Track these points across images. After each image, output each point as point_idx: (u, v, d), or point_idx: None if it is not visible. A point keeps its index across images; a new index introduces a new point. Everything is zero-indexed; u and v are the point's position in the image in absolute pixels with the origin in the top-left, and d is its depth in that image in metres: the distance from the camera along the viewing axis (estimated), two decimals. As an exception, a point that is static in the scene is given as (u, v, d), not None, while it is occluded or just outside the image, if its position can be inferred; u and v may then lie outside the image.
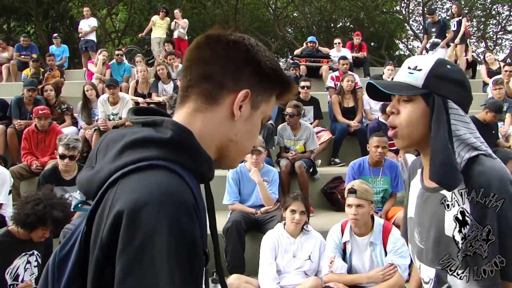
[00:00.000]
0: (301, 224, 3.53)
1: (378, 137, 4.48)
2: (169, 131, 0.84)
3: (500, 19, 22.28)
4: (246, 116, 0.93)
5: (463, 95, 1.24)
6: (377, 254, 3.30)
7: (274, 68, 0.94)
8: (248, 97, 0.91)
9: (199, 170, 0.86)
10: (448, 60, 1.31)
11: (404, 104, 1.25)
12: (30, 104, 6.31)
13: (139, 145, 0.83)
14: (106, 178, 0.82)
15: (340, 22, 23.66)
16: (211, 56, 0.91)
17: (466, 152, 1.20)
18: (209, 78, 0.90)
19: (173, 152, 0.83)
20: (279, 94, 0.99)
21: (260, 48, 0.93)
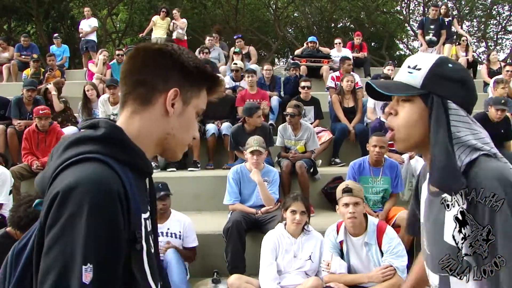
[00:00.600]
0: (302, 224, 3.53)
1: (378, 136, 4.48)
2: (102, 129, 0.99)
3: (500, 19, 22.28)
4: (179, 112, 1.07)
5: (465, 95, 1.19)
6: (373, 254, 3.31)
7: (197, 66, 1.07)
8: (178, 95, 1.05)
9: (132, 161, 1.00)
10: (451, 59, 1.24)
11: (403, 105, 1.21)
12: (30, 104, 6.32)
13: (78, 142, 0.97)
14: (52, 174, 0.94)
15: (340, 22, 23.66)
16: (142, 64, 1.05)
17: (467, 155, 1.15)
18: (142, 84, 1.04)
19: (106, 147, 0.96)
20: (209, 89, 1.15)
21: (183, 52, 1.07)
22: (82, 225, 0.84)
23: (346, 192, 3.29)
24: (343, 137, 6.26)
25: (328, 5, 21.38)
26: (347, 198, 3.27)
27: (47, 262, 0.85)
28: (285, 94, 7.55)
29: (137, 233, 0.95)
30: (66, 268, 0.84)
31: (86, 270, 0.84)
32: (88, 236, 0.84)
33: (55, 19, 19.11)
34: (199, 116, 1.15)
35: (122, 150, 0.99)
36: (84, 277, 0.83)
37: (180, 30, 10.60)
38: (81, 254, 0.84)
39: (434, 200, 1.24)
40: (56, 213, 0.86)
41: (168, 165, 5.89)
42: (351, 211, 3.24)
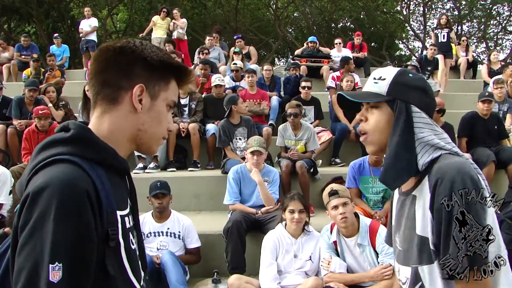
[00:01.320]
0: (302, 223, 3.53)
1: None
2: (71, 130, 1.02)
3: (500, 19, 22.28)
4: (148, 107, 1.08)
5: (425, 101, 1.31)
6: (367, 255, 3.32)
7: (161, 60, 1.08)
8: (143, 90, 1.06)
9: (101, 158, 1.02)
10: (410, 70, 1.40)
11: (372, 111, 1.34)
12: (31, 104, 6.32)
13: (49, 146, 1.01)
14: (27, 177, 0.98)
15: (340, 22, 23.65)
16: (105, 65, 1.07)
17: (430, 154, 1.26)
18: (107, 83, 1.06)
19: (75, 147, 0.99)
20: (179, 80, 1.15)
21: (145, 46, 1.08)
22: (50, 224, 0.86)
23: (333, 195, 3.34)
24: (343, 137, 6.26)
25: (328, 5, 21.38)
26: (335, 201, 3.30)
27: (19, 262, 0.87)
28: (285, 94, 7.55)
29: (110, 231, 0.97)
30: (35, 268, 0.85)
31: (54, 269, 0.85)
32: (55, 234, 0.86)
33: (55, 19, 19.11)
34: (171, 108, 1.15)
35: (91, 150, 1.01)
36: (51, 275, 0.85)
37: (180, 30, 10.60)
38: (49, 253, 0.85)
39: (405, 199, 1.35)
40: (26, 214, 0.89)
41: (168, 165, 5.89)
42: (341, 211, 3.26)
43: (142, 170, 5.67)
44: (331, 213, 3.33)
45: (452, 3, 21.75)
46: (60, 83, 8.26)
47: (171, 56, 1.12)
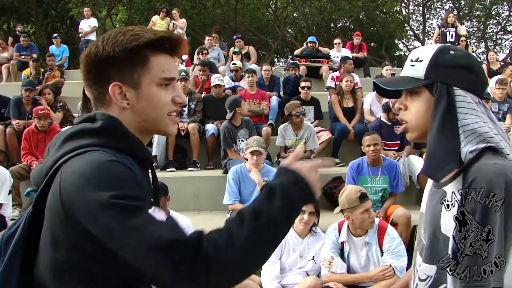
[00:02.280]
0: (310, 225, 3.51)
1: (368, 135, 4.50)
2: (100, 121, 1.00)
3: (500, 19, 22.30)
4: (135, 98, 1.04)
5: (471, 80, 1.17)
6: (373, 254, 3.31)
7: (125, 48, 1.00)
8: (121, 85, 1.03)
9: (131, 150, 1.01)
10: (453, 46, 1.23)
11: (411, 98, 1.22)
12: (29, 104, 6.31)
13: (76, 136, 0.99)
14: (51, 166, 0.97)
15: (340, 22, 23.65)
16: (84, 75, 1.07)
17: (475, 144, 1.13)
18: (93, 90, 1.06)
19: (105, 138, 0.98)
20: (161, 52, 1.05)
21: (107, 41, 1.02)
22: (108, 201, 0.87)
23: (363, 198, 3.23)
24: (343, 137, 6.26)
25: (328, 5, 21.38)
26: (367, 204, 3.22)
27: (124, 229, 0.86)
28: (284, 94, 7.55)
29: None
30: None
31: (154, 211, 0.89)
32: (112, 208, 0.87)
33: (54, 19, 19.09)
34: (169, 81, 1.07)
35: (121, 140, 1.00)
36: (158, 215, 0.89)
37: (179, 30, 10.60)
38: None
39: (436, 192, 1.24)
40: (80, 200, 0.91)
41: (167, 165, 5.89)
42: (371, 215, 3.25)
43: (141, 170, 5.66)
44: (361, 216, 3.22)
45: (452, 3, 21.75)
46: (59, 83, 8.26)
47: (137, 34, 1.03)
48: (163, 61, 1.06)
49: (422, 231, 1.30)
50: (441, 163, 1.14)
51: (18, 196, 5.03)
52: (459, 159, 1.14)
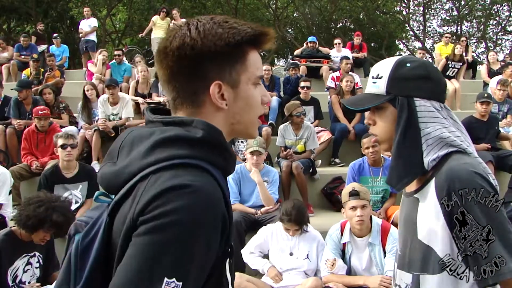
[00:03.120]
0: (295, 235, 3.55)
1: (367, 138, 4.50)
2: (199, 130, 0.87)
3: (500, 19, 22.30)
4: (233, 98, 0.94)
5: (430, 88, 1.23)
6: (375, 254, 3.30)
7: (227, 42, 0.89)
8: (221, 85, 0.92)
9: (227, 167, 0.91)
10: (409, 58, 1.29)
11: (378, 113, 1.28)
12: (29, 104, 6.30)
13: (171, 143, 0.85)
14: (135, 172, 0.85)
15: (340, 23, 23.66)
16: (171, 72, 0.92)
17: (436, 152, 1.20)
18: (182, 91, 0.93)
19: (204, 150, 0.86)
20: (255, 47, 0.95)
21: (204, 33, 0.89)
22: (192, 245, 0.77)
23: (353, 195, 3.25)
24: (343, 137, 6.26)
25: (328, 5, 21.39)
26: (354, 202, 3.23)
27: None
28: (285, 95, 7.55)
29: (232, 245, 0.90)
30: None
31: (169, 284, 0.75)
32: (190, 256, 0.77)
33: (54, 19, 19.09)
34: (259, 80, 0.98)
35: (220, 155, 0.89)
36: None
37: (179, 30, 10.59)
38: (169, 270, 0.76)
39: (406, 200, 1.30)
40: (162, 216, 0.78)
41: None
42: (359, 214, 3.20)
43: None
44: (348, 213, 3.27)
45: (452, 4, 21.76)
46: (59, 83, 8.25)
47: (235, 27, 0.92)
48: (257, 58, 0.97)
49: (400, 240, 1.35)
50: (399, 175, 1.24)
51: (19, 196, 5.02)
52: (421, 169, 1.21)
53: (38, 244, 3.04)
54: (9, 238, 3.01)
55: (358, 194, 3.25)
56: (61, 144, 4.31)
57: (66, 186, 4.36)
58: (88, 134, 6.02)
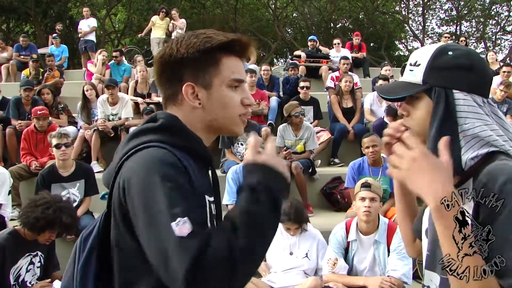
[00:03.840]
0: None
1: (367, 137, 4.51)
2: (160, 120, 1.07)
3: (499, 19, 22.32)
4: (206, 98, 1.08)
5: (472, 80, 1.10)
6: (380, 253, 3.29)
7: (198, 49, 1.05)
8: (194, 86, 1.07)
9: (190, 146, 1.06)
10: (452, 45, 1.15)
11: (412, 104, 1.18)
12: (28, 104, 6.30)
13: (139, 134, 1.06)
14: (116, 164, 1.04)
15: (339, 23, 23.66)
16: (158, 76, 1.13)
17: (475, 150, 1.09)
18: (166, 90, 1.12)
19: (164, 135, 1.04)
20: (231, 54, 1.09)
21: (181, 43, 1.06)
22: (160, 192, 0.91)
23: (365, 186, 3.28)
24: (342, 137, 6.27)
25: (327, 5, 21.39)
26: (365, 193, 3.25)
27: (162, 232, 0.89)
28: (284, 95, 7.54)
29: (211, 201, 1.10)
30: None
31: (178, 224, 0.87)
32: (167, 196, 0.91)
33: (53, 19, 19.08)
34: (239, 83, 1.11)
35: (180, 137, 1.06)
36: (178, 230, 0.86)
37: (179, 30, 10.60)
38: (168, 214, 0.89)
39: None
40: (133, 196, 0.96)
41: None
42: (367, 205, 3.21)
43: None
44: (357, 203, 3.29)
45: (451, 3, 21.77)
46: (59, 83, 8.24)
47: (209, 36, 1.08)
48: (233, 63, 1.10)
49: (424, 236, 1.29)
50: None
51: (18, 196, 5.02)
52: (458, 166, 1.08)
53: (41, 244, 3.04)
54: (13, 237, 3.01)
55: (369, 186, 3.27)
56: (55, 144, 4.31)
57: (63, 185, 4.36)
58: (87, 134, 6.02)
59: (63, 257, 3.63)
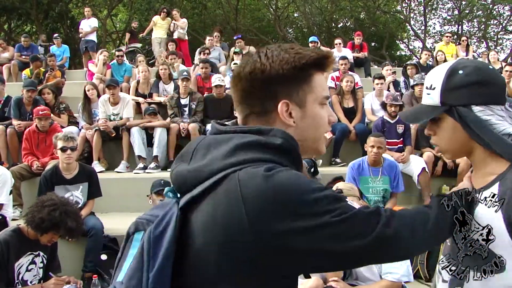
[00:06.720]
0: None
1: (375, 137, 4.50)
2: (278, 138, 0.96)
3: (501, 19, 22.27)
4: (300, 116, 1.03)
5: (486, 93, 1.17)
6: None
7: (293, 66, 1.00)
8: (289, 104, 1.01)
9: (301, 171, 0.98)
10: (461, 63, 1.23)
11: (436, 124, 1.25)
12: (30, 104, 6.30)
13: (251, 147, 0.94)
14: (216, 171, 0.92)
15: (341, 22, 23.64)
16: (244, 93, 1.04)
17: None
18: (254, 109, 1.03)
19: (281, 156, 0.95)
20: (320, 70, 1.05)
21: (273, 58, 1.00)
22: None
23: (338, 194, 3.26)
24: (344, 137, 6.26)
25: (329, 5, 21.38)
26: None
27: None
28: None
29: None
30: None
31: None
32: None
33: (54, 19, 19.11)
34: (327, 99, 1.08)
35: (294, 161, 0.99)
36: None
37: (181, 30, 10.61)
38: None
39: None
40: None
41: (168, 165, 5.89)
42: None
43: (142, 170, 5.66)
44: None
45: (453, 3, 21.74)
46: (60, 83, 8.26)
47: (300, 52, 1.03)
48: (322, 80, 1.06)
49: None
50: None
51: (19, 196, 5.03)
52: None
53: (44, 244, 3.05)
54: (16, 235, 3.04)
55: (341, 192, 3.24)
56: (60, 146, 4.27)
57: (67, 187, 4.34)
58: (88, 134, 6.03)
59: (64, 258, 3.64)
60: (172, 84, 7.40)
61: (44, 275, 3.18)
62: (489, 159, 1.18)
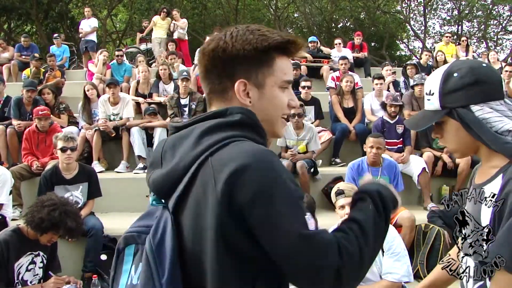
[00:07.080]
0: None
1: (374, 137, 4.50)
2: (236, 115, 0.99)
3: (500, 19, 22.26)
4: (257, 97, 1.04)
5: (482, 92, 1.21)
6: None
7: (255, 47, 1.01)
8: (246, 84, 1.03)
9: (265, 144, 1.01)
10: (456, 65, 1.26)
11: (440, 127, 1.30)
12: (30, 104, 6.30)
13: (215, 130, 0.97)
14: (190, 163, 0.95)
15: (341, 22, 23.64)
16: (206, 70, 1.06)
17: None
18: (214, 86, 1.06)
19: (243, 129, 0.98)
20: (284, 54, 1.05)
21: (236, 38, 1.01)
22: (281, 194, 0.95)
23: (339, 194, 3.28)
24: (343, 137, 6.26)
25: (329, 5, 21.37)
26: (342, 201, 3.25)
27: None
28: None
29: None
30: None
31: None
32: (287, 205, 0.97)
33: (54, 19, 19.10)
34: (288, 83, 1.08)
35: (257, 133, 1.01)
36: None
37: (181, 30, 10.61)
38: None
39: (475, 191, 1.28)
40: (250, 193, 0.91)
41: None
42: (347, 212, 3.21)
43: (142, 170, 5.66)
44: (339, 212, 3.29)
45: (453, 3, 21.73)
46: (60, 83, 8.25)
47: (265, 34, 1.03)
48: (286, 64, 1.07)
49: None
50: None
51: (19, 196, 5.03)
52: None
53: (43, 244, 3.05)
54: (16, 235, 3.03)
55: (343, 192, 3.26)
56: (60, 147, 4.27)
57: (67, 187, 4.34)
58: (88, 134, 6.03)
59: (64, 258, 3.64)
60: (172, 84, 7.40)
61: (44, 275, 3.18)
62: (493, 154, 1.22)
